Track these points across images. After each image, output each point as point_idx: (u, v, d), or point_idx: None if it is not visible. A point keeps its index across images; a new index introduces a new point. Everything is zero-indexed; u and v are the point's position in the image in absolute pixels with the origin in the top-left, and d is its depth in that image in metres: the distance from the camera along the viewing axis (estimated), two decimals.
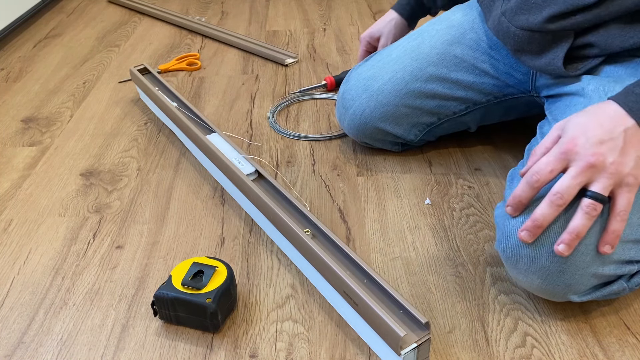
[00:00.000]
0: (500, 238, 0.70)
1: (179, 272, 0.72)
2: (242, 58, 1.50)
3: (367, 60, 1.03)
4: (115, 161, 1.07)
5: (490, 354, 0.67)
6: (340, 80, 1.29)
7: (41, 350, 0.70)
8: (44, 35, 1.69)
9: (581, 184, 0.63)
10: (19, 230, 0.90)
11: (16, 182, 1.02)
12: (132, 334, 0.72)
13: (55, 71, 1.46)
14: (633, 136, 0.63)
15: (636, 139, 0.63)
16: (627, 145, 0.62)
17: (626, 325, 0.71)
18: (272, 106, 1.24)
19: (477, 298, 0.75)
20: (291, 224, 0.77)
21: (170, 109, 1.06)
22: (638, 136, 0.63)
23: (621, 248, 0.65)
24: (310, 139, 1.12)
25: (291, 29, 1.70)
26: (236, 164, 0.91)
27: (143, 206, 0.94)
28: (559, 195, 0.62)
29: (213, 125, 1.02)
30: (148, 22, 1.80)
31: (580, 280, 0.65)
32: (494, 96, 0.96)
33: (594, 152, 0.62)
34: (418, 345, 0.61)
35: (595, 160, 0.62)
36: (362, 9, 1.84)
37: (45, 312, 0.75)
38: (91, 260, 0.83)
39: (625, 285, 0.68)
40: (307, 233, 0.77)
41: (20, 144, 1.14)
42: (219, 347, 0.69)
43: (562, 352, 0.67)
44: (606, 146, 0.62)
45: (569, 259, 0.64)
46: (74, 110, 1.26)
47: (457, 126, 1.02)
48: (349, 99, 1.00)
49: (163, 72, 1.43)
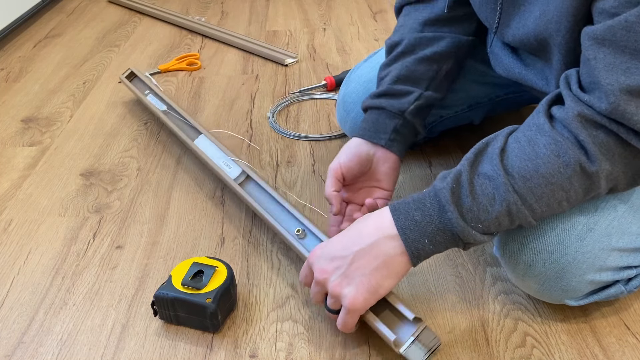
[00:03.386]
0: (498, 243, 0.70)
1: (179, 272, 0.72)
2: (242, 58, 1.50)
3: (366, 60, 1.02)
4: (115, 161, 1.07)
5: (490, 354, 0.67)
6: (340, 80, 1.29)
7: (41, 350, 0.70)
8: (44, 35, 1.69)
9: (322, 293, 0.66)
10: (19, 230, 0.90)
11: (16, 182, 1.02)
12: (132, 334, 0.72)
13: (55, 71, 1.45)
14: (362, 258, 0.62)
15: (364, 261, 0.62)
16: (352, 268, 0.62)
17: (626, 325, 0.71)
18: (272, 106, 1.24)
19: (477, 298, 0.75)
20: (278, 224, 0.78)
21: (159, 114, 1.06)
22: (367, 258, 0.62)
23: (619, 256, 0.65)
24: (310, 139, 1.12)
25: (291, 29, 1.70)
26: (223, 167, 0.90)
27: (143, 206, 0.94)
28: (313, 298, 0.68)
29: (201, 127, 1.01)
30: (148, 22, 1.80)
31: (577, 287, 0.65)
32: (495, 95, 0.96)
33: (321, 268, 0.64)
34: (415, 338, 0.62)
35: (320, 278, 0.64)
36: (362, 9, 1.84)
37: (45, 312, 0.75)
38: (91, 260, 0.83)
39: (622, 288, 0.68)
40: (298, 233, 0.77)
41: (20, 144, 1.14)
42: (219, 347, 0.69)
43: (562, 352, 0.67)
44: (333, 264, 0.63)
45: (565, 265, 0.64)
46: (74, 110, 1.26)
47: (460, 121, 1.02)
48: (350, 103, 0.99)
49: (163, 72, 1.43)
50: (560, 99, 0.60)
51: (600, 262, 0.64)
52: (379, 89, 0.83)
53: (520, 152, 0.59)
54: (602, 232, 0.64)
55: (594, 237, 0.63)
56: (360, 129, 0.82)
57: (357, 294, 0.62)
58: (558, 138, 0.57)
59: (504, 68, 0.78)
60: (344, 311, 0.63)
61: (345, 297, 0.62)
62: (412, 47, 0.83)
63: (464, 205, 0.59)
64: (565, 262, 0.64)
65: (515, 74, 0.75)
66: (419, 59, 0.82)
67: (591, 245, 0.63)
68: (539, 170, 0.58)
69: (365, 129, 0.81)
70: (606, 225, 0.64)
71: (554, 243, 0.64)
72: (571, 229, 0.64)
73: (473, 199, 0.59)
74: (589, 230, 0.64)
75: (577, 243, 0.63)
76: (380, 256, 0.61)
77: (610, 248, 0.64)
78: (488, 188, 0.59)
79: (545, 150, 0.58)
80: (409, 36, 0.83)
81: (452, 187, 0.60)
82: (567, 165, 0.57)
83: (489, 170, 0.59)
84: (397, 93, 0.81)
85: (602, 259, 0.64)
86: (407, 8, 0.88)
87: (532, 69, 0.73)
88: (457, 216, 0.59)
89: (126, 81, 1.21)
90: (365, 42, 1.58)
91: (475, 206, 0.59)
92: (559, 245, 0.64)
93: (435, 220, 0.60)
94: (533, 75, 0.72)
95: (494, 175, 0.59)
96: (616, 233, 0.64)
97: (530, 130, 0.60)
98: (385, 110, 0.80)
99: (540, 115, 0.60)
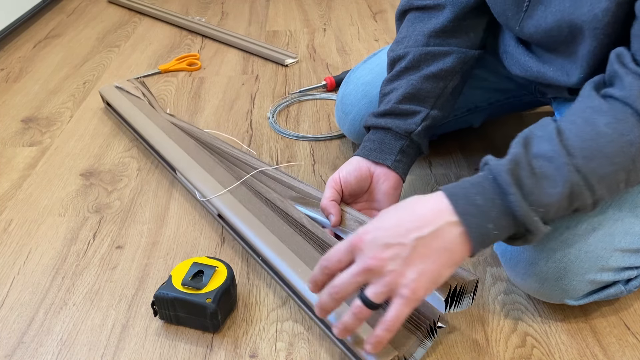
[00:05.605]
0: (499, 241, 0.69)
1: (179, 272, 0.72)
2: (242, 58, 1.50)
3: (365, 62, 1.02)
4: (116, 161, 1.07)
5: (490, 354, 0.67)
6: (340, 81, 1.29)
7: (41, 350, 0.70)
8: (44, 36, 1.69)
9: (359, 283, 0.58)
10: (19, 230, 0.90)
11: (16, 182, 1.02)
12: (132, 334, 0.72)
13: (55, 71, 1.46)
14: (424, 246, 0.56)
15: (427, 250, 0.56)
16: (413, 255, 0.56)
17: (626, 325, 0.71)
18: (272, 106, 1.24)
19: (477, 298, 0.75)
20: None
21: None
22: (430, 247, 0.56)
23: (621, 256, 0.65)
24: (310, 139, 1.12)
25: (291, 29, 1.70)
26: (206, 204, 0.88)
27: (143, 206, 0.94)
28: (336, 289, 0.59)
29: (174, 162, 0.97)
30: (148, 22, 1.80)
31: (577, 286, 0.65)
32: (495, 99, 0.96)
33: (374, 255, 0.56)
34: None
35: (373, 265, 0.56)
36: (362, 9, 1.84)
37: (45, 312, 0.75)
38: (91, 260, 0.83)
39: (622, 288, 0.68)
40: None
41: (20, 144, 1.14)
42: (219, 347, 0.69)
43: (562, 352, 0.67)
44: (391, 251, 0.56)
45: (568, 265, 0.64)
46: (74, 110, 1.26)
47: (460, 124, 1.02)
48: (348, 104, 0.99)
49: (163, 72, 1.43)
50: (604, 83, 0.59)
51: (602, 262, 0.64)
52: (384, 107, 0.80)
53: (580, 132, 0.56)
54: (605, 231, 0.63)
55: (597, 236, 0.63)
56: (365, 149, 0.79)
57: (419, 283, 0.56)
58: (620, 116, 0.55)
59: (520, 67, 0.76)
60: (402, 302, 0.56)
61: (405, 286, 0.56)
62: (417, 62, 0.80)
63: (525, 188, 0.55)
64: (567, 261, 0.64)
65: (533, 72, 0.73)
66: (424, 76, 0.79)
67: (594, 245, 0.63)
68: (603, 149, 0.55)
69: (371, 149, 0.78)
70: (610, 225, 0.64)
71: (556, 241, 0.64)
72: (574, 227, 0.64)
73: (535, 181, 0.56)
74: (592, 229, 0.63)
75: (581, 242, 0.63)
76: (444, 244, 0.56)
77: (613, 248, 0.64)
78: (549, 169, 0.56)
79: (607, 129, 0.55)
80: (413, 51, 0.80)
81: (511, 170, 0.56)
82: (632, 144, 0.55)
83: (547, 151, 0.56)
84: (403, 113, 0.78)
85: (605, 258, 0.64)
86: (412, 16, 0.84)
87: (550, 65, 0.71)
88: (520, 198, 0.55)
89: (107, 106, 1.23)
90: (365, 42, 1.58)
91: (537, 188, 0.55)
92: (562, 244, 0.63)
93: (498, 203, 0.56)
94: (553, 72, 0.70)
95: (555, 156, 0.56)
96: (619, 233, 0.64)
97: (585, 113, 0.58)
98: (391, 131, 0.78)
99: (592, 97, 0.58)
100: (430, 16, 0.81)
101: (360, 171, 0.77)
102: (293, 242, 0.77)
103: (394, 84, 0.81)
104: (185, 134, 1.04)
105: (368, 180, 0.78)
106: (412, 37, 0.82)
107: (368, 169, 0.78)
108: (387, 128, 0.79)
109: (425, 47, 0.80)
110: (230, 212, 0.83)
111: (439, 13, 0.81)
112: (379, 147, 0.78)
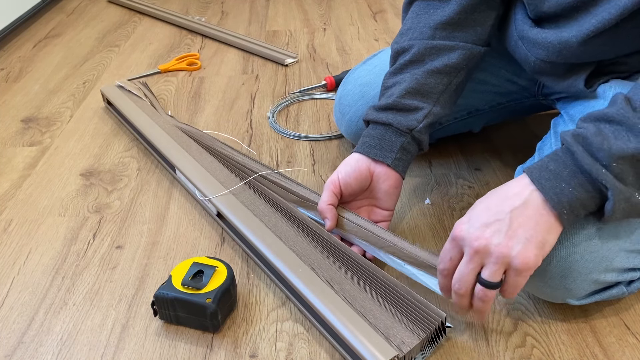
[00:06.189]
0: None
1: (179, 272, 0.72)
2: (242, 58, 1.50)
3: (365, 63, 1.01)
4: (115, 161, 1.07)
5: (490, 354, 0.67)
6: (340, 80, 1.29)
7: (41, 350, 0.70)
8: (44, 35, 1.69)
9: (475, 270, 0.60)
10: (19, 230, 0.90)
11: (16, 182, 1.02)
12: (132, 334, 0.72)
13: (55, 71, 1.46)
14: (520, 215, 0.59)
15: (523, 218, 0.59)
16: (513, 226, 0.58)
17: (626, 325, 0.71)
18: (272, 106, 1.24)
19: None
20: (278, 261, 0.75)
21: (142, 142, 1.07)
22: (525, 215, 0.59)
23: (626, 257, 0.65)
24: (310, 139, 1.12)
25: (291, 29, 1.70)
26: (206, 203, 0.88)
27: (143, 206, 0.94)
28: (458, 285, 0.62)
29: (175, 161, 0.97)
30: (148, 22, 1.80)
31: (580, 286, 0.65)
32: (496, 102, 0.95)
33: (477, 236, 0.59)
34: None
35: (479, 245, 0.59)
36: (362, 9, 1.84)
37: (45, 312, 0.75)
38: (91, 260, 0.83)
39: (624, 290, 0.68)
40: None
41: (20, 144, 1.14)
42: (219, 347, 0.69)
43: (562, 352, 0.67)
44: (491, 229, 0.59)
45: (571, 264, 0.64)
46: (74, 110, 1.26)
47: (460, 129, 1.01)
48: (346, 105, 0.99)
49: (163, 72, 1.43)
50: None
51: (606, 262, 0.64)
52: (385, 100, 0.78)
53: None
54: (611, 232, 0.63)
55: (602, 236, 0.63)
56: (364, 144, 0.77)
57: (527, 252, 0.58)
58: None
59: (541, 47, 0.72)
60: (515, 273, 0.59)
61: (515, 257, 0.58)
62: (422, 56, 0.78)
63: (593, 145, 0.57)
64: (572, 260, 0.63)
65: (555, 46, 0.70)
66: (428, 71, 0.77)
67: (600, 245, 0.63)
68: None
69: (371, 145, 0.77)
70: (615, 226, 0.64)
71: (561, 240, 0.63)
72: (580, 227, 0.63)
73: (601, 138, 0.57)
74: (598, 229, 0.63)
75: (586, 242, 0.63)
76: (534, 211, 0.59)
77: (618, 249, 0.64)
78: (618, 129, 0.57)
79: None
80: (418, 44, 0.78)
81: (575, 132, 0.59)
82: None
83: (615, 115, 0.58)
84: (405, 108, 0.77)
85: (609, 259, 0.64)
86: (418, 6, 0.82)
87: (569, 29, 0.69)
88: (582, 150, 0.57)
89: (109, 107, 1.23)
90: (365, 42, 1.58)
91: (606, 144, 0.56)
92: (567, 243, 0.63)
93: (569, 163, 0.58)
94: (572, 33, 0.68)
95: (623, 120, 0.57)
96: (625, 234, 0.64)
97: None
98: (392, 127, 0.77)
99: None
100: (437, 7, 0.80)
101: (359, 171, 0.77)
102: (295, 243, 0.77)
103: (397, 77, 0.79)
104: (187, 136, 1.04)
105: (368, 179, 0.78)
106: (417, 29, 0.80)
107: (368, 169, 0.77)
108: (387, 124, 0.77)
109: (431, 41, 0.78)
110: (230, 212, 0.83)
111: (446, 4, 0.79)
112: (379, 143, 0.77)
